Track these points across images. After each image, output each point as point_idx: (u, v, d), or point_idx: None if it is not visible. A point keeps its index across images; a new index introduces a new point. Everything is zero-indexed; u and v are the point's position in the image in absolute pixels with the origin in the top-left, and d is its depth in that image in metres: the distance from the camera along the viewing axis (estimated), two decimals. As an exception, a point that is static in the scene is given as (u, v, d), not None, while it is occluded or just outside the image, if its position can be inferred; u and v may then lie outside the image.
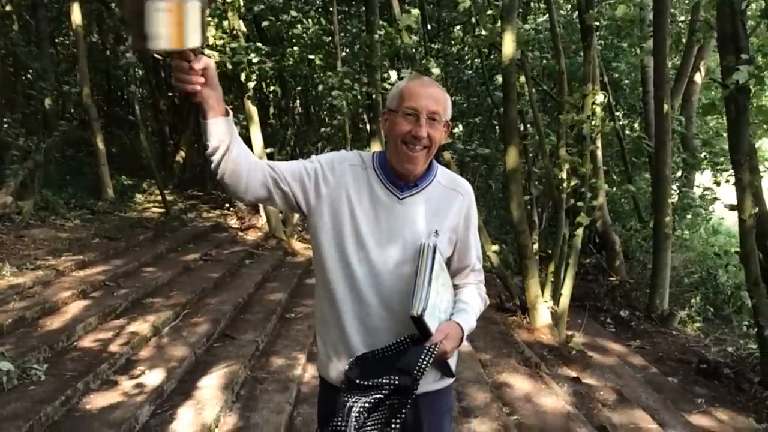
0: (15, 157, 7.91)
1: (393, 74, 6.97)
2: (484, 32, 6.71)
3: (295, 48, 9.44)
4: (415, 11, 6.82)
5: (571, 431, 3.72)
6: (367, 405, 1.47)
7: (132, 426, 3.07)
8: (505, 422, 3.68)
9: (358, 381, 1.51)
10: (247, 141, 9.13)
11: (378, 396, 1.49)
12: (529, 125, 8.99)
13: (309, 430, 3.42)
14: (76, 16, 9.08)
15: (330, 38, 9.27)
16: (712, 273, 9.36)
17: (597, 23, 6.40)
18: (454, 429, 3.50)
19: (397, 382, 1.49)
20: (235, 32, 8.27)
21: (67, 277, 5.23)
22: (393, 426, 1.51)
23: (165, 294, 5.33)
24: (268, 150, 9.22)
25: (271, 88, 12.04)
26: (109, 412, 3.13)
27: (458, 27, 11.50)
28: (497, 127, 11.54)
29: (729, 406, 5.15)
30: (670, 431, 4.27)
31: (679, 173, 11.49)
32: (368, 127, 9.99)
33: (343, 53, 9.38)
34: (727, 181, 11.48)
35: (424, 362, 1.50)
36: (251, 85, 8.66)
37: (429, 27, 10.60)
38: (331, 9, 8.94)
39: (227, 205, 10.65)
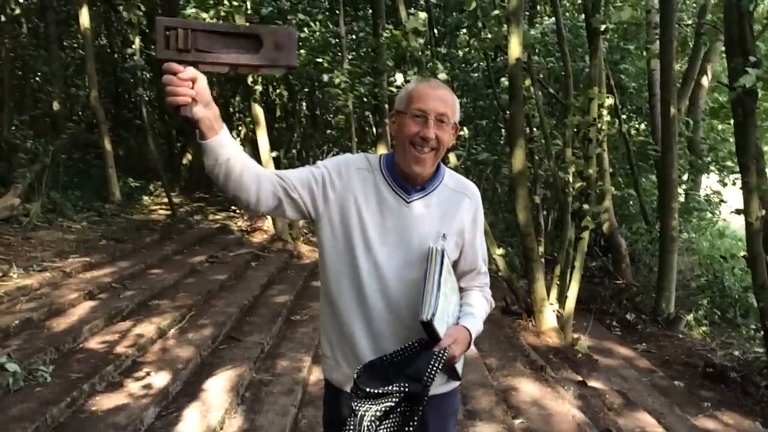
0: (23, 159, 7.95)
1: (399, 77, 6.95)
2: (490, 35, 6.71)
3: (302, 51, 9.46)
4: (423, 14, 6.81)
5: (577, 435, 3.71)
6: (378, 413, 1.45)
7: (137, 428, 3.08)
8: (510, 426, 3.67)
9: (368, 389, 1.48)
10: (254, 143, 9.19)
11: (389, 404, 1.47)
12: (535, 128, 8.98)
13: (314, 432, 3.42)
14: (85, 19, 9.13)
15: (336, 41, 9.29)
16: (719, 276, 9.34)
17: (603, 26, 6.38)
18: (460, 432, 3.49)
19: (407, 389, 1.47)
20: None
21: (74, 279, 5.24)
22: None
23: (171, 296, 5.34)
24: (274, 153, 9.23)
25: (278, 91, 12.08)
26: (115, 414, 3.14)
27: (464, 31, 11.50)
28: (503, 130, 11.52)
29: (735, 410, 5.13)
30: (676, 436, 4.25)
31: (686, 176, 11.44)
32: (374, 130, 10.00)
33: (350, 56, 9.39)
34: (734, 184, 11.48)
35: (434, 368, 1.48)
36: (258, 88, 8.68)
37: (435, 31, 10.60)
38: (337, 11, 8.96)
39: (233, 207, 10.67)
